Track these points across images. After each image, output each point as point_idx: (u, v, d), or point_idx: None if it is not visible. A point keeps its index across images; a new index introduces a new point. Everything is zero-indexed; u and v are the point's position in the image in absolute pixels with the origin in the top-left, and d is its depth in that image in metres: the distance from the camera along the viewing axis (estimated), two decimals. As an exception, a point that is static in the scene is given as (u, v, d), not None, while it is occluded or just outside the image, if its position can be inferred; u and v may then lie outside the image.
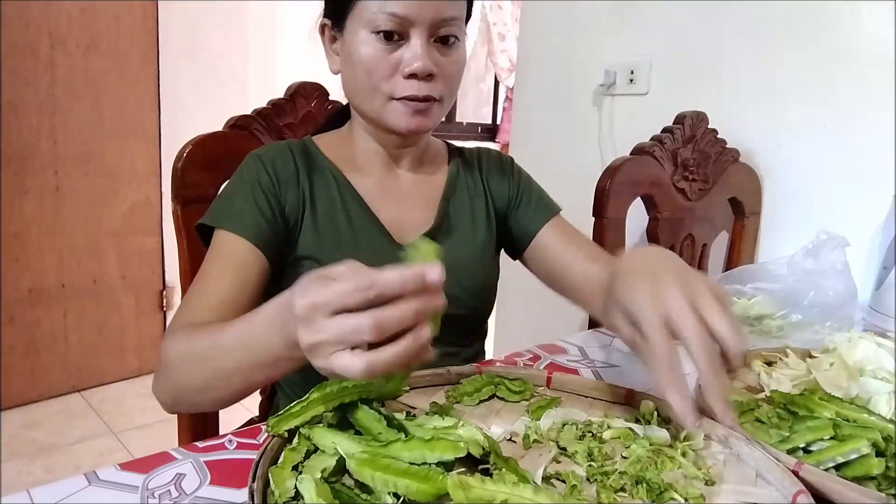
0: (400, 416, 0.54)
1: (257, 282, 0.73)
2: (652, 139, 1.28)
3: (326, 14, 0.79)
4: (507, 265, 0.95)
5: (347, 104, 0.88)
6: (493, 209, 0.91)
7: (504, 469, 0.48)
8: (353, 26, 0.74)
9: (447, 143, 0.95)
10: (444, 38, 0.74)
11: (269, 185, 0.77)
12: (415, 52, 0.72)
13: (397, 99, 0.75)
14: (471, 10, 0.80)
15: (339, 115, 0.90)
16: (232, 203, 0.76)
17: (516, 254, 0.95)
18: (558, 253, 0.88)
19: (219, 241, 0.74)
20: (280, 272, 0.78)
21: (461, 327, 0.87)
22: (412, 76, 0.73)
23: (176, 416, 0.92)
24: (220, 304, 0.69)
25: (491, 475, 0.47)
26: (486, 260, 0.89)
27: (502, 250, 0.95)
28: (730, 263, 1.45)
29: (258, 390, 1.10)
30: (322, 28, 0.81)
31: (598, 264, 0.82)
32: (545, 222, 0.90)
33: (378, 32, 0.72)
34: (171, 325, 0.68)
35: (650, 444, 0.56)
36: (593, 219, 1.18)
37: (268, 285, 0.75)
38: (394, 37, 0.72)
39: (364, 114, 0.80)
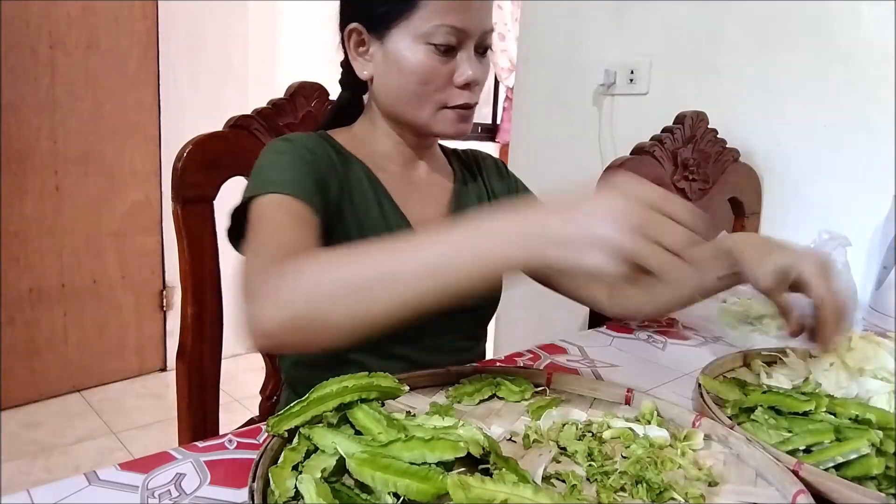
0: (400, 416, 0.54)
1: (320, 244, 0.68)
2: (652, 139, 1.28)
3: (357, 19, 0.78)
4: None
5: (348, 102, 0.88)
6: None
7: (504, 469, 0.48)
8: (401, 35, 0.75)
9: (440, 145, 0.96)
10: (483, 50, 0.79)
11: (315, 163, 0.74)
12: (468, 63, 0.76)
13: (450, 107, 0.78)
14: None
15: (341, 113, 0.90)
16: (280, 172, 0.71)
17: None
18: None
19: (271, 202, 0.67)
20: None
21: (470, 323, 0.89)
22: (465, 86, 0.77)
23: (176, 415, 0.92)
24: (304, 252, 0.61)
25: (491, 475, 0.47)
26: None
27: None
28: (730, 263, 1.44)
29: (260, 392, 1.09)
30: (349, 33, 0.80)
31: None
32: None
33: (436, 45, 0.74)
34: (265, 263, 0.59)
35: (650, 444, 0.56)
36: (593, 219, 1.18)
37: None
38: (449, 49, 0.75)
39: (405, 119, 0.81)
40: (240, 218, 0.70)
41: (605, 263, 0.47)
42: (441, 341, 0.83)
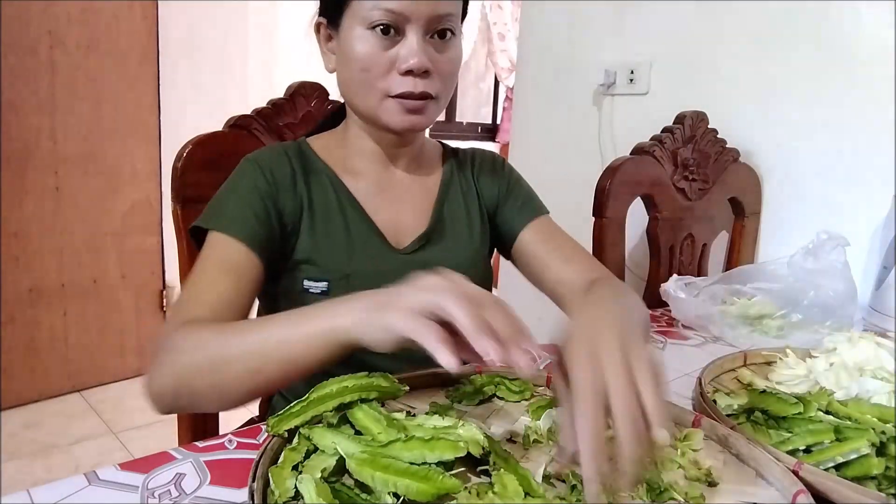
0: (400, 416, 0.54)
1: (252, 284, 0.72)
2: (652, 139, 1.28)
3: (321, 13, 0.79)
4: (508, 265, 0.95)
5: (342, 105, 0.88)
6: (485, 208, 0.91)
7: (504, 469, 0.48)
8: (348, 23, 0.74)
9: (443, 144, 0.95)
10: (440, 34, 0.74)
11: (267, 189, 0.76)
12: (411, 48, 0.72)
13: (393, 97, 0.74)
14: (466, 8, 0.80)
15: (333, 116, 0.90)
16: (226, 206, 0.75)
17: (505, 254, 0.95)
18: (537, 253, 0.88)
19: (212, 242, 0.73)
20: (278, 276, 0.78)
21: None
22: (408, 73, 0.73)
23: (176, 416, 0.91)
24: (218, 304, 0.68)
25: (490, 475, 0.47)
26: (480, 261, 0.89)
27: (495, 250, 0.95)
28: (730, 263, 1.45)
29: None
30: (317, 27, 0.80)
31: (571, 265, 0.84)
32: (528, 222, 0.90)
33: (374, 28, 0.72)
34: (171, 323, 0.66)
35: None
36: (593, 219, 1.18)
37: (266, 288, 0.75)
38: (389, 31, 0.72)
39: (359, 112, 0.80)
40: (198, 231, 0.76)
41: (404, 327, 0.49)
42: (414, 352, 0.81)
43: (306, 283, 0.77)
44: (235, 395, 0.60)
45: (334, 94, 1.04)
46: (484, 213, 0.91)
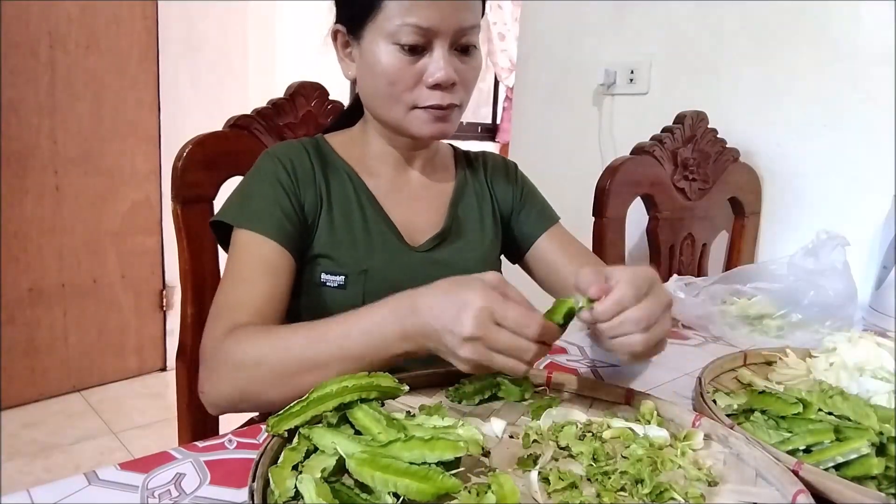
0: (400, 416, 0.54)
1: (288, 280, 0.74)
2: (652, 139, 1.28)
3: (340, 20, 0.79)
4: (507, 266, 0.95)
5: (355, 103, 0.88)
6: (499, 213, 0.93)
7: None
8: (372, 35, 0.74)
9: (453, 147, 0.96)
10: (464, 50, 0.76)
11: (289, 183, 0.77)
12: (438, 63, 0.73)
13: (420, 108, 0.75)
14: (484, 11, 0.81)
15: (348, 114, 0.90)
16: (252, 202, 0.76)
17: (516, 259, 0.96)
18: (554, 262, 0.91)
19: (244, 242, 0.74)
20: (298, 269, 0.78)
21: None
22: (436, 86, 0.74)
23: (176, 415, 0.92)
24: (259, 306, 0.70)
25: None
26: (492, 262, 0.90)
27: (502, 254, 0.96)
28: (730, 263, 1.45)
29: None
30: (335, 34, 0.80)
31: None
32: (544, 231, 0.92)
33: (401, 44, 0.72)
34: (217, 328, 0.67)
35: (650, 444, 0.56)
36: (593, 218, 1.18)
37: None
38: (417, 48, 0.73)
39: (384, 120, 0.80)
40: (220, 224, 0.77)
41: (462, 366, 0.56)
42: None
43: (324, 276, 0.78)
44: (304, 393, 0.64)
45: (334, 94, 1.05)
46: (498, 217, 0.92)
